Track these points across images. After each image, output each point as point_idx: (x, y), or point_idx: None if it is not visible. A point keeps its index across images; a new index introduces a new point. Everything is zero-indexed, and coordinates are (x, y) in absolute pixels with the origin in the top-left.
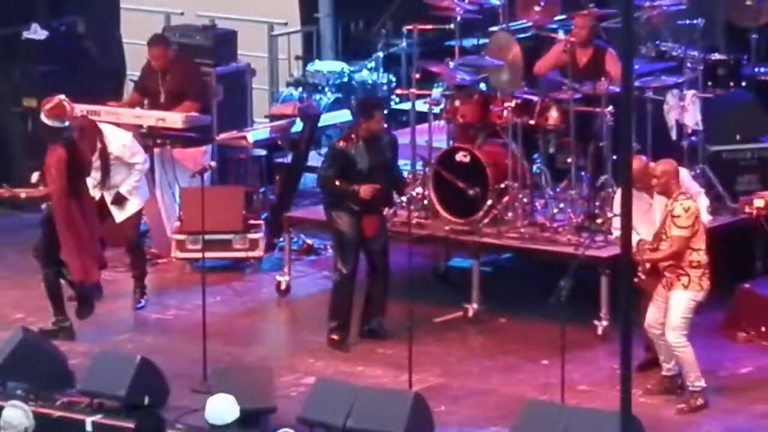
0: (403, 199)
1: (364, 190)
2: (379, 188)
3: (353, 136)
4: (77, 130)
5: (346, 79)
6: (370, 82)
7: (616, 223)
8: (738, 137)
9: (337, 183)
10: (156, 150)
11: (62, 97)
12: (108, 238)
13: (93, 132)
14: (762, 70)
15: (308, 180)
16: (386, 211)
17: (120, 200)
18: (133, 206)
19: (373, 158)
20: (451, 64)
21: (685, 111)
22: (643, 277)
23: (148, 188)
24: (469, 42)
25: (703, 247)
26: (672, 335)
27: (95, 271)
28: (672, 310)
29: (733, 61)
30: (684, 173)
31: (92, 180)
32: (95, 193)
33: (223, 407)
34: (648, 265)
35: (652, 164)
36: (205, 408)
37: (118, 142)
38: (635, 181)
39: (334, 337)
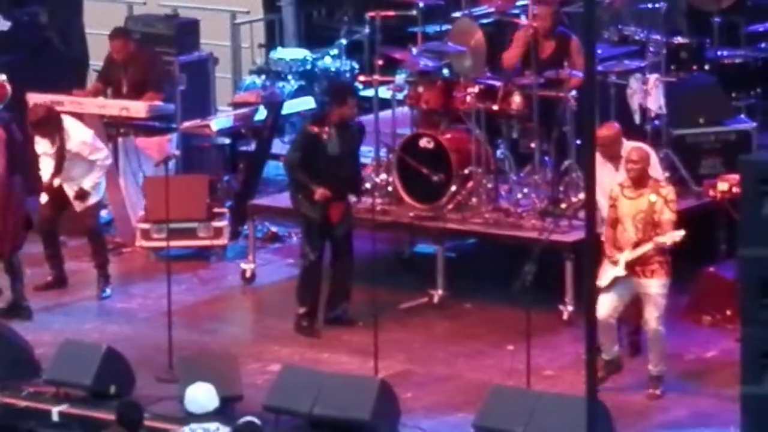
0: (367, 185)
1: (320, 194)
2: (329, 196)
3: (325, 120)
4: (40, 115)
5: (309, 67)
6: (333, 69)
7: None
8: (701, 121)
9: (299, 175)
10: (120, 139)
11: (3, 77)
12: (70, 229)
13: (55, 124)
14: (724, 53)
15: (272, 168)
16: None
17: (83, 195)
18: (92, 199)
19: (344, 144)
20: (414, 51)
21: (648, 95)
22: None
23: (111, 178)
24: (432, 28)
25: None
26: (659, 321)
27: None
28: (656, 297)
29: (696, 45)
30: (654, 159)
31: (51, 167)
32: (54, 181)
33: (203, 395)
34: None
35: (627, 144)
36: (185, 397)
37: (78, 138)
38: (603, 146)
39: (304, 323)
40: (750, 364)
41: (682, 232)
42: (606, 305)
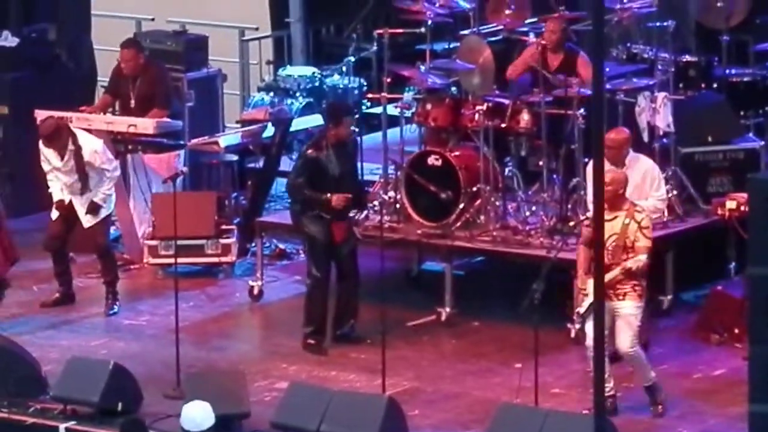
0: (375, 203)
1: (337, 200)
2: (350, 197)
3: (323, 143)
4: (52, 128)
5: (317, 84)
6: (341, 86)
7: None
8: (710, 139)
9: (308, 192)
10: (128, 156)
11: None
12: (78, 245)
13: (65, 134)
14: (733, 71)
15: (280, 185)
16: (355, 215)
17: (95, 209)
18: (102, 213)
19: (343, 164)
20: (422, 68)
21: (656, 113)
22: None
23: (120, 195)
24: (440, 46)
25: None
26: (631, 343)
27: (6, 265)
28: (629, 318)
29: (704, 63)
30: (657, 174)
31: (61, 183)
32: (64, 197)
33: (199, 413)
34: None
35: (634, 154)
36: (181, 414)
37: (90, 147)
38: (610, 150)
39: (311, 341)
40: (758, 382)
41: (643, 258)
42: (590, 332)
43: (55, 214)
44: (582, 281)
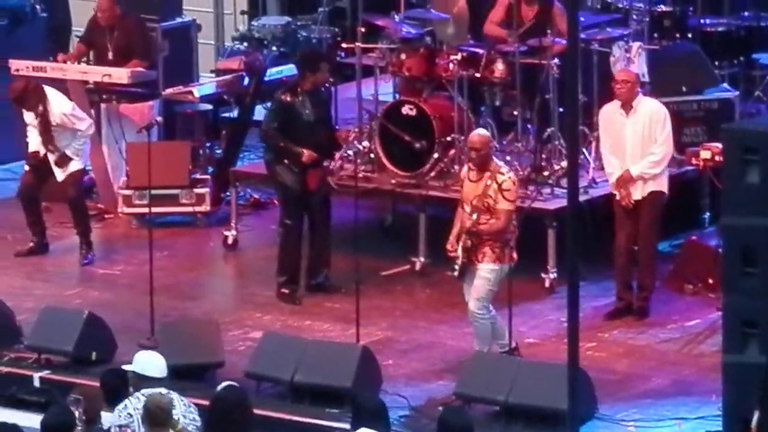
0: (349, 152)
1: (308, 156)
2: (317, 157)
3: (297, 89)
4: (19, 90)
5: (291, 34)
6: (315, 36)
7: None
8: (684, 89)
9: (282, 143)
10: (102, 105)
11: None
12: (53, 195)
13: (36, 95)
14: (708, 21)
15: (254, 134)
16: (330, 163)
17: (64, 161)
18: (74, 166)
19: (318, 110)
20: (397, 18)
21: (631, 63)
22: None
23: (94, 144)
24: None
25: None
26: (477, 305)
27: None
28: (481, 280)
29: (679, 13)
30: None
31: (37, 138)
32: (39, 149)
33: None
34: (468, 241)
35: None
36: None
37: (59, 110)
38: (621, 88)
39: (285, 290)
40: (731, 332)
41: (486, 228)
42: (466, 295)
43: (28, 166)
44: (451, 243)
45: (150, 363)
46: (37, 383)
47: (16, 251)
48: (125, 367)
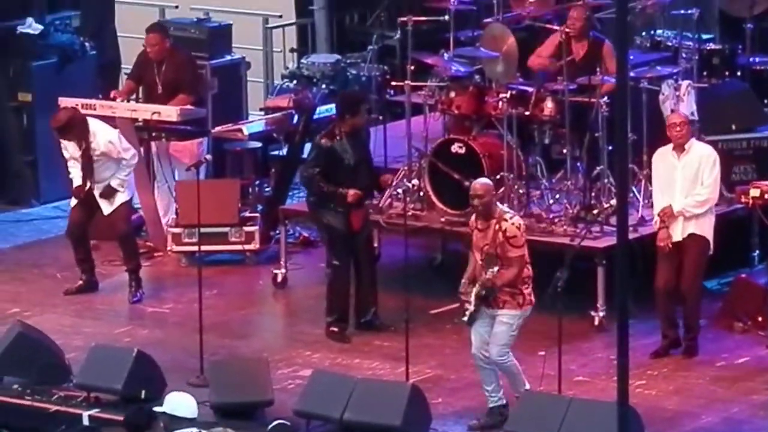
0: (399, 190)
1: (352, 196)
2: (362, 195)
3: (335, 131)
4: (64, 121)
5: (340, 71)
6: (364, 74)
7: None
8: (733, 127)
9: (323, 186)
10: (152, 143)
11: None
12: (102, 232)
13: (81, 126)
14: (757, 59)
15: None
16: (379, 202)
17: (109, 193)
18: (120, 198)
19: (357, 152)
20: (446, 56)
21: (680, 101)
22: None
23: (143, 182)
24: (464, 34)
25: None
26: (499, 351)
27: None
28: (503, 327)
29: (728, 51)
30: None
31: (80, 172)
32: (85, 183)
33: (185, 400)
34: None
35: (693, 141)
36: (165, 402)
37: (104, 139)
38: (675, 132)
39: (334, 329)
40: None
41: (502, 280)
42: (474, 341)
43: (74, 201)
44: (464, 287)
45: (181, 404)
46: (86, 421)
47: (65, 289)
48: (156, 408)
